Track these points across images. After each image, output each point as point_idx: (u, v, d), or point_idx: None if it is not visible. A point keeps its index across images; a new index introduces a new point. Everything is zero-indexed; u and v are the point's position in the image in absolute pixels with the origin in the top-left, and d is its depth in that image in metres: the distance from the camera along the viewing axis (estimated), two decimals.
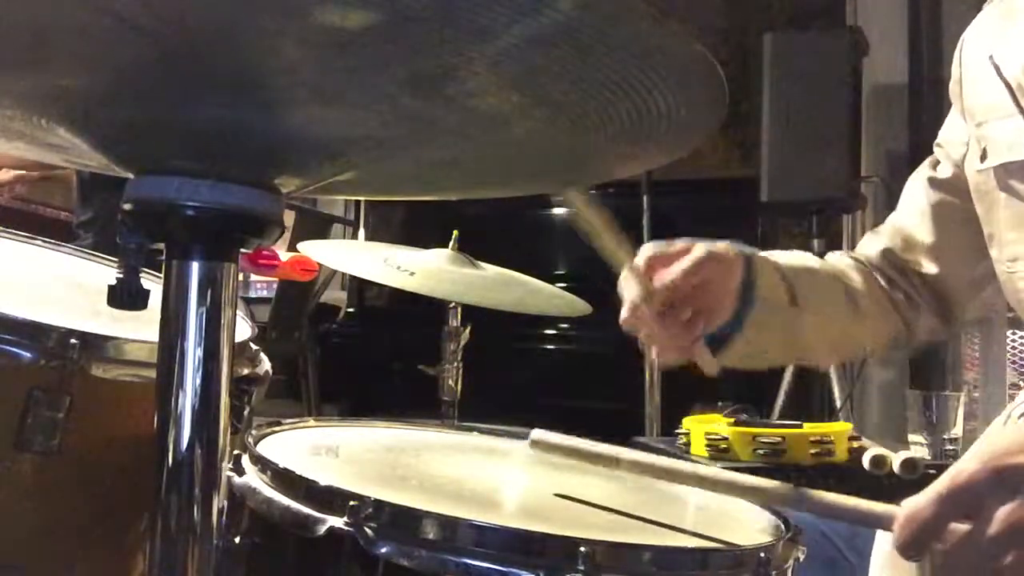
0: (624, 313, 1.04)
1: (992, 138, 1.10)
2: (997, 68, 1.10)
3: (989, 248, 1.13)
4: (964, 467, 0.70)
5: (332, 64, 0.52)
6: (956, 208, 1.21)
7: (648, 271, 1.03)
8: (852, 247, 1.35)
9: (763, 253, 1.17)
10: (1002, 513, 0.67)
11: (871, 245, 1.28)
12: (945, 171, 1.23)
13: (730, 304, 1.07)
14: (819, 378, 3.10)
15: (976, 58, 1.16)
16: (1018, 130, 1.06)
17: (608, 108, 0.57)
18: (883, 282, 1.24)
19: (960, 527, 0.70)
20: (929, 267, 1.22)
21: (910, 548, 0.71)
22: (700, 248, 1.03)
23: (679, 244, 1.04)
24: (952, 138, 1.22)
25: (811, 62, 2.99)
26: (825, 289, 1.19)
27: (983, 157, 1.11)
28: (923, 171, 1.26)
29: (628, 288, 1.04)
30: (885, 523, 0.73)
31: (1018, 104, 1.06)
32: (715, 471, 0.93)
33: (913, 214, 1.25)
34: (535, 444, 0.97)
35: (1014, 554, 0.67)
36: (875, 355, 1.35)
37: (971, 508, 0.69)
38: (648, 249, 1.05)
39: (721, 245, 1.07)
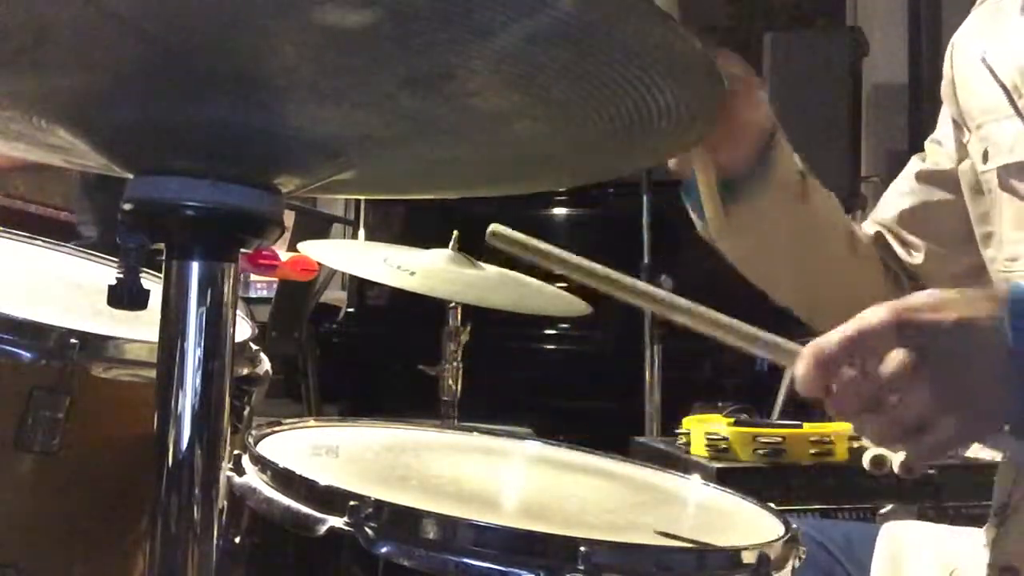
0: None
1: (992, 140, 1.10)
2: (991, 70, 1.10)
3: (984, 247, 1.13)
4: (872, 314, 0.74)
5: (332, 64, 0.52)
6: (941, 203, 1.21)
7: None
8: None
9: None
10: (896, 356, 0.72)
11: (864, 228, 1.28)
12: (933, 165, 1.24)
13: (746, 144, 1.07)
14: None
15: (968, 60, 1.16)
16: (1017, 131, 1.06)
17: (608, 107, 0.57)
18: (882, 249, 1.25)
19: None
20: (912, 257, 1.23)
21: (809, 381, 0.75)
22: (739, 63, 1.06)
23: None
24: (945, 137, 1.22)
25: (811, 62, 2.99)
26: (834, 209, 1.18)
27: (985, 158, 1.11)
28: (911, 164, 1.27)
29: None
30: (792, 358, 0.77)
31: (1014, 105, 1.06)
32: (640, 284, 0.92)
33: (898, 204, 1.26)
34: (493, 236, 0.95)
35: (897, 396, 0.72)
36: (831, 324, 1.31)
37: (870, 351, 0.73)
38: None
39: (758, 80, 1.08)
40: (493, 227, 0.93)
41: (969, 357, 0.74)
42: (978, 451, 1.73)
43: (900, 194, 1.26)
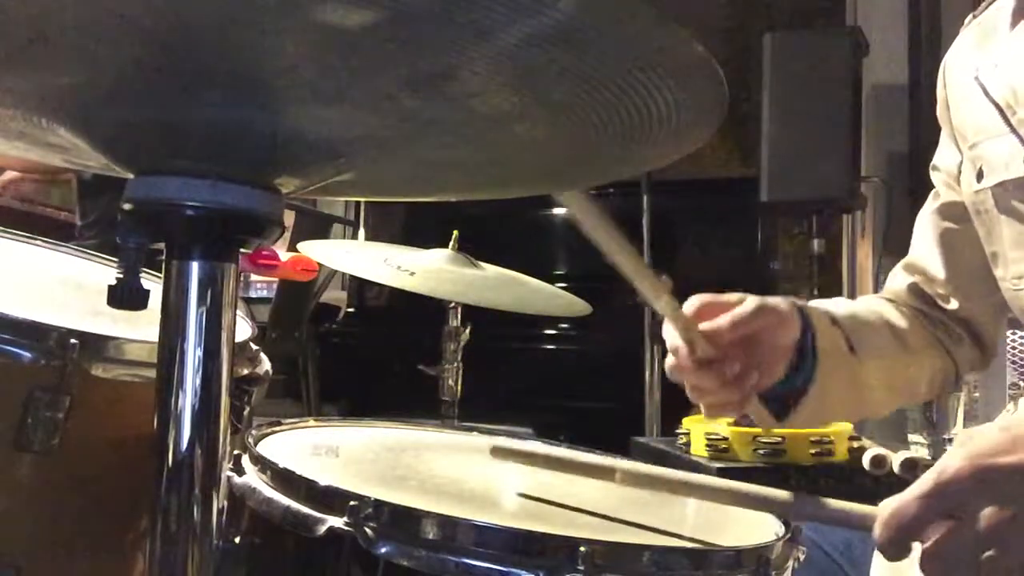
0: (668, 361, 1.01)
1: (987, 158, 1.10)
2: (983, 88, 1.10)
3: (993, 267, 1.13)
4: (948, 466, 0.71)
5: (332, 64, 0.52)
6: (963, 234, 1.19)
7: (696, 319, 0.99)
8: (852, 247, 1.35)
9: (812, 303, 1.13)
10: (986, 513, 0.68)
11: (897, 281, 1.26)
12: (944, 198, 1.23)
13: (784, 359, 1.03)
14: None
15: (961, 79, 1.16)
16: (1012, 149, 1.06)
17: (608, 108, 0.56)
18: (921, 317, 1.22)
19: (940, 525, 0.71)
20: (951, 301, 1.22)
21: (893, 545, 0.72)
22: (752, 300, 1.00)
23: (732, 296, 1.01)
24: (945, 162, 1.22)
25: (811, 62, 2.99)
26: (876, 332, 1.16)
27: (979, 177, 1.11)
28: (928, 203, 1.26)
29: (668, 335, 1.01)
30: (868, 523, 0.74)
31: (1008, 123, 1.06)
32: (683, 475, 0.93)
33: (925, 248, 1.24)
34: (496, 452, 0.97)
35: (993, 552, 0.69)
36: (931, 396, 1.29)
37: (953, 507, 0.70)
38: (698, 298, 1.01)
39: (775, 299, 1.03)
40: (494, 448, 0.97)
41: None
42: None
43: (922, 237, 1.25)
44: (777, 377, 1.02)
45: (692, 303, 1.00)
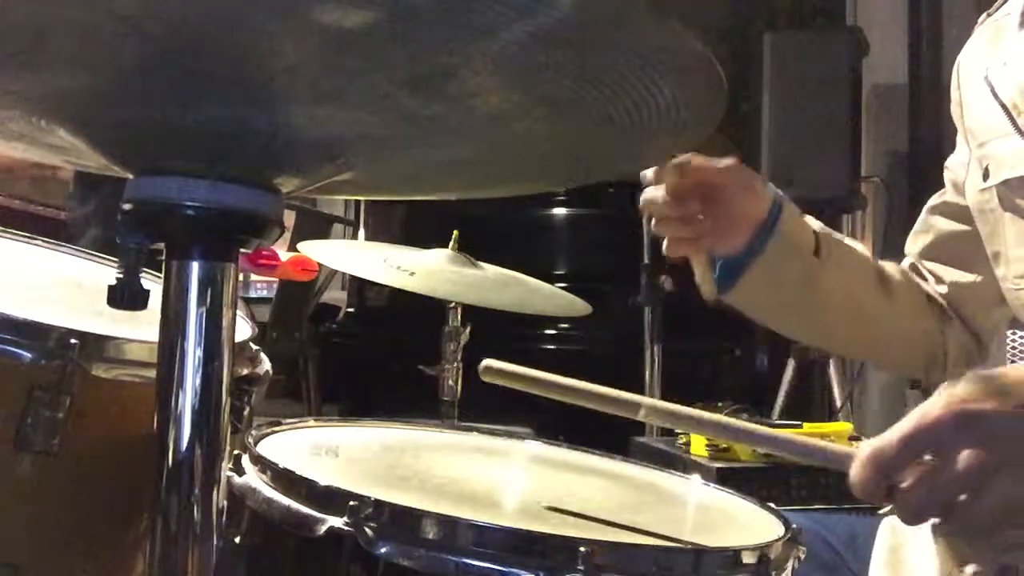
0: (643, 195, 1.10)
1: (993, 157, 1.11)
2: (992, 88, 1.11)
3: (995, 266, 1.14)
4: (930, 410, 0.72)
5: (332, 64, 0.52)
6: (955, 234, 1.23)
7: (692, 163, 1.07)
8: None
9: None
10: (963, 456, 0.69)
11: (903, 260, 1.30)
12: (950, 196, 1.25)
13: (745, 232, 1.09)
14: (819, 378, 3.10)
15: (972, 79, 1.17)
16: (1018, 148, 1.07)
17: (608, 107, 0.56)
18: (918, 288, 1.25)
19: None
20: (939, 287, 1.24)
21: (869, 484, 0.73)
22: (730, 160, 1.07)
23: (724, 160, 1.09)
24: (957, 162, 1.23)
25: (811, 62, 2.99)
26: (853, 255, 1.19)
27: (985, 176, 1.12)
28: (934, 198, 1.28)
29: (649, 170, 1.09)
30: (846, 463, 0.75)
31: (1014, 123, 1.07)
32: (665, 404, 0.93)
33: (918, 240, 1.28)
34: (486, 371, 0.96)
35: (968, 494, 0.70)
36: (912, 367, 1.33)
37: (932, 449, 0.71)
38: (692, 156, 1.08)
39: (757, 177, 1.10)
40: (485, 363, 0.97)
41: None
42: None
43: (917, 230, 1.28)
44: (732, 246, 1.09)
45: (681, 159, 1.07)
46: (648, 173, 1.08)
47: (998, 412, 0.71)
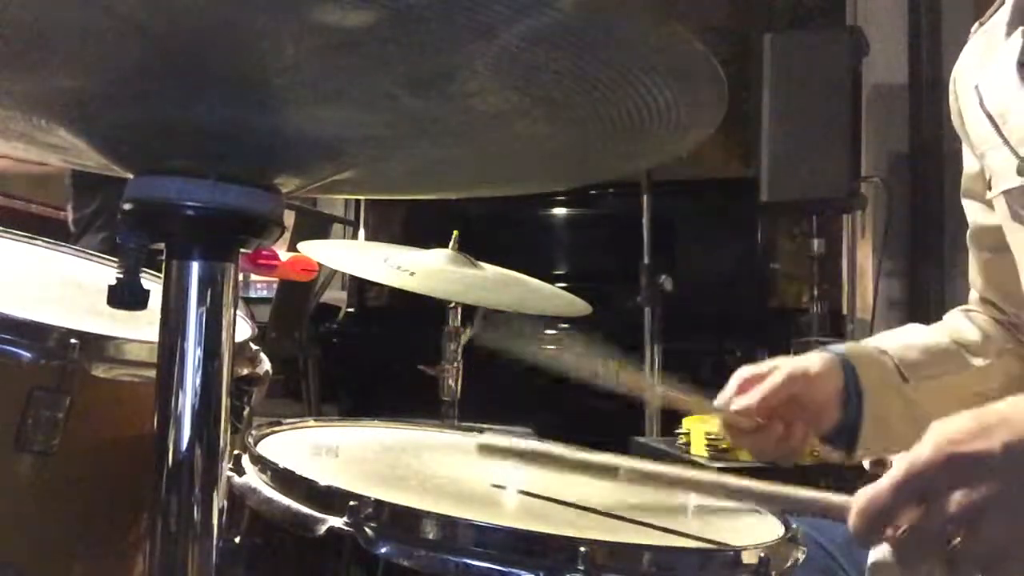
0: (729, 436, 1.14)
1: (991, 167, 1.11)
2: (980, 99, 1.11)
3: (1021, 274, 1.13)
4: (918, 455, 0.73)
5: (332, 64, 0.52)
6: (994, 260, 1.21)
7: (741, 391, 1.10)
8: (852, 247, 1.36)
9: (864, 341, 1.20)
10: (955, 498, 0.70)
11: (972, 295, 1.30)
12: (973, 214, 1.24)
13: (830, 407, 1.11)
14: None
15: (967, 89, 1.16)
16: (1006, 159, 1.07)
17: (608, 107, 0.56)
18: (999, 325, 1.23)
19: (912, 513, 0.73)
20: (1007, 312, 1.22)
21: (866, 533, 0.74)
22: (781, 371, 1.09)
23: (764, 365, 1.11)
24: (969, 177, 1.23)
25: (811, 62, 2.99)
26: (932, 355, 1.18)
27: (990, 186, 1.12)
28: (970, 231, 1.27)
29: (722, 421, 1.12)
30: (844, 513, 0.75)
31: (1000, 134, 1.07)
32: (659, 467, 0.93)
33: (975, 268, 1.27)
34: (483, 449, 0.97)
35: (963, 536, 0.70)
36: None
37: (924, 493, 0.72)
38: (741, 372, 1.12)
39: (807, 360, 1.12)
40: (480, 444, 0.96)
41: None
42: None
43: (972, 257, 1.27)
44: (830, 423, 1.11)
45: (736, 376, 1.11)
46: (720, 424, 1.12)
47: (986, 451, 0.71)
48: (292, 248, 1.67)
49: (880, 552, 0.92)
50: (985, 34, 1.16)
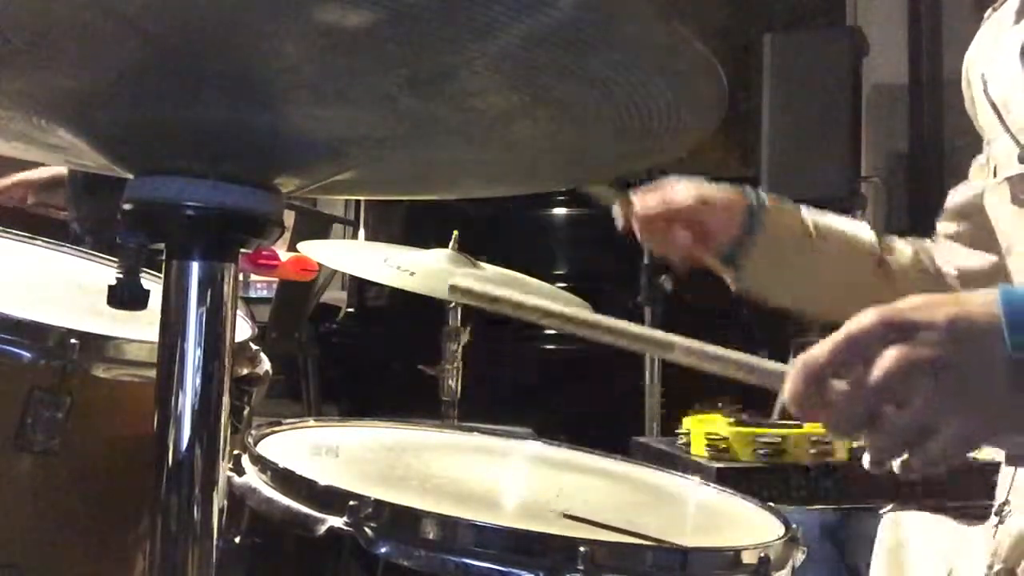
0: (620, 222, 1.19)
1: (995, 154, 1.12)
2: (986, 86, 1.11)
3: (1008, 260, 1.14)
4: (862, 318, 0.71)
5: (332, 64, 0.52)
6: (978, 223, 1.22)
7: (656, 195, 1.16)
8: None
9: (802, 208, 1.24)
10: (888, 355, 0.68)
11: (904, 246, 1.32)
12: (961, 197, 1.25)
13: (727, 241, 1.15)
14: None
15: (975, 77, 1.17)
16: (1008, 147, 1.07)
17: (608, 107, 0.56)
18: (937, 261, 1.26)
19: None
20: (954, 271, 1.24)
21: (802, 397, 0.70)
22: (690, 195, 1.15)
23: (685, 183, 1.17)
24: (983, 157, 1.24)
25: (811, 62, 2.99)
26: (849, 238, 1.23)
27: (995, 173, 1.13)
28: (958, 188, 1.29)
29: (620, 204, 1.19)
30: (780, 380, 0.72)
31: (1002, 121, 1.08)
32: (615, 321, 0.91)
33: (946, 220, 1.28)
34: (453, 290, 0.93)
35: (892, 406, 0.68)
36: None
37: (861, 358, 0.69)
38: (662, 182, 1.18)
39: (720, 192, 1.17)
40: (452, 282, 0.93)
41: (967, 356, 0.69)
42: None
43: (943, 209, 1.28)
44: (719, 249, 1.15)
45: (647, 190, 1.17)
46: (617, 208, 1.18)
47: (928, 320, 0.69)
48: (292, 248, 1.67)
49: None
50: (996, 21, 1.17)
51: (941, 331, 0.69)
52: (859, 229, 1.25)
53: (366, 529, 0.75)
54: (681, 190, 1.16)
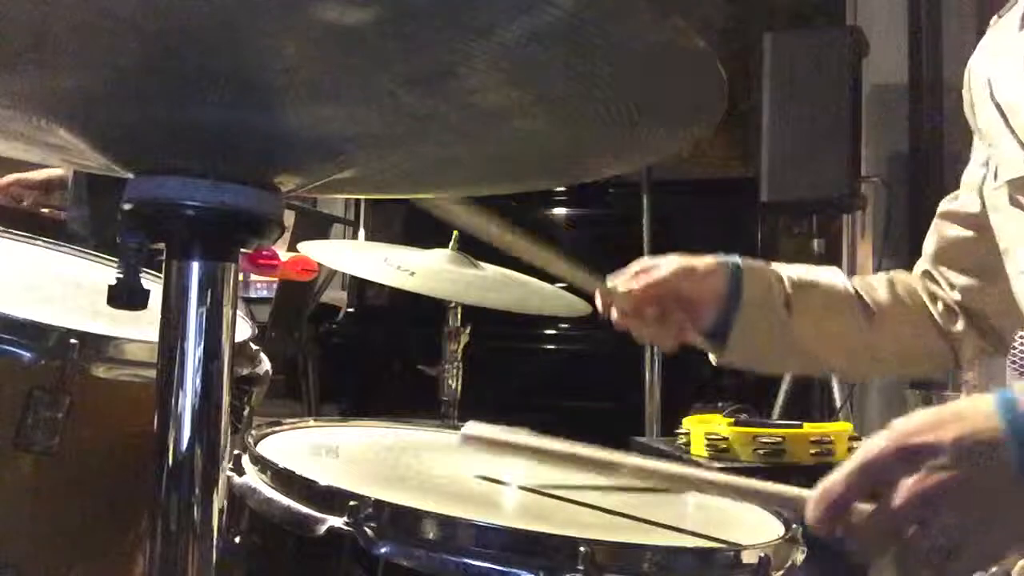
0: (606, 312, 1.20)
1: (999, 157, 1.13)
2: (991, 89, 1.12)
3: (1006, 263, 1.15)
4: (873, 445, 0.75)
5: (332, 62, 0.52)
6: (961, 240, 1.24)
7: (635, 277, 1.17)
8: (852, 247, 1.38)
9: (776, 265, 1.24)
10: (905, 485, 0.72)
11: (917, 267, 1.33)
12: (960, 202, 1.26)
13: (709, 306, 1.17)
14: (819, 378, 3.10)
15: (979, 81, 1.18)
16: (1012, 149, 1.08)
17: (608, 105, 0.56)
18: (925, 297, 1.28)
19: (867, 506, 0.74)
20: (952, 293, 1.26)
21: (823, 523, 0.75)
22: (668, 265, 1.16)
23: (664, 258, 1.18)
24: (975, 163, 1.25)
25: (811, 62, 2.98)
26: (827, 295, 1.24)
27: (996, 176, 1.14)
28: (945, 202, 1.30)
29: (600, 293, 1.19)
30: (801, 504, 0.77)
31: (1008, 124, 1.08)
32: (625, 457, 0.92)
33: (934, 243, 1.30)
34: (467, 440, 0.95)
35: (915, 528, 0.72)
36: (912, 369, 1.49)
37: (879, 483, 0.74)
38: (641, 260, 1.19)
39: (699, 260, 1.18)
40: (465, 430, 0.95)
41: (977, 474, 0.73)
42: None
43: (929, 233, 1.31)
44: (707, 322, 1.18)
45: (626, 272, 1.18)
46: (597, 296, 1.19)
47: (935, 443, 0.73)
48: (292, 248, 1.67)
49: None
50: (1001, 27, 1.18)
51: (949, 453, 0.73)
52: (834, 277, 1.27)
53: (366, 529, 0.75)
54: (662, 264, 1.17)
